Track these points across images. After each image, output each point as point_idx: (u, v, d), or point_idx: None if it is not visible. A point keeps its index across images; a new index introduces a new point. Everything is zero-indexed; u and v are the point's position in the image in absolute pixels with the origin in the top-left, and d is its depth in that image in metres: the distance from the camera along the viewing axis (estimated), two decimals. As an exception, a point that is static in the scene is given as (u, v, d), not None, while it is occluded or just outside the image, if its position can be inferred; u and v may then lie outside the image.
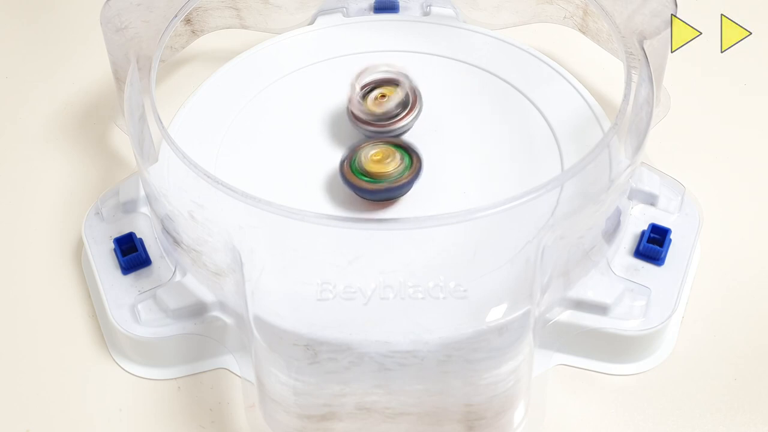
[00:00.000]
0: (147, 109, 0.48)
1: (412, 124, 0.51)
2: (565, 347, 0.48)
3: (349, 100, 0.51)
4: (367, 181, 0.48)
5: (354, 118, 0.51)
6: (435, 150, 0.52)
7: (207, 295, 0.47)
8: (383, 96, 0.51)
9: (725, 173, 0.57)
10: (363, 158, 0.49)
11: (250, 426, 0.46)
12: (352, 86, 0.51)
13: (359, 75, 0.51)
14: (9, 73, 0.64)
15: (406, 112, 0.51)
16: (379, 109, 0.51)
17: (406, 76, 0.51)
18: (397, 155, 0.49)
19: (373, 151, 0.49)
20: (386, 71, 0.51)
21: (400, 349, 0.41)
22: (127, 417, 0.47)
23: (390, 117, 0.51)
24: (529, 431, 0.46)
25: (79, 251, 0.53)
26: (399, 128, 0.51)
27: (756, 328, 0.50)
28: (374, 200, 0.49)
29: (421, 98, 0.52)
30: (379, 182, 0.48)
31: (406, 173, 0.49)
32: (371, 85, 0.51)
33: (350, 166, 0.49)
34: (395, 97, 0.51)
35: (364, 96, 0.51)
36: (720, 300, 0.51)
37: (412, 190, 0.49)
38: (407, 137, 0.51)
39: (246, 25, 0.61)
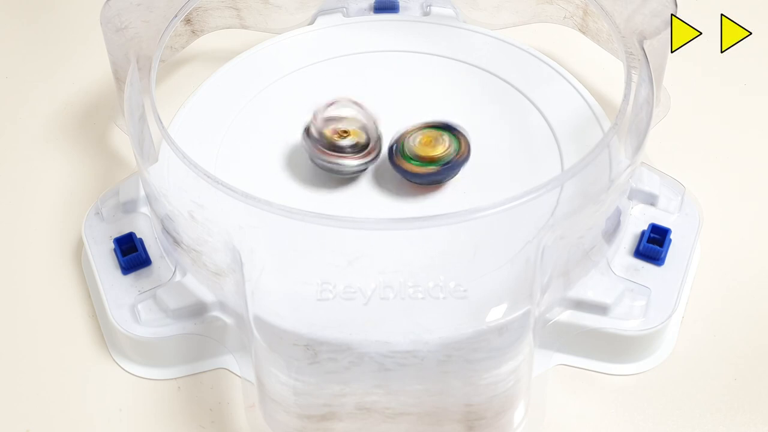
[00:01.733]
0: (147, 109, 0.48)
1: (363, 168, 0.50)
2: (565, 347, 0.48)
3: (314, 118, 0.49)
4: (417, 165, 0.48)
5: (308, 135, 0.50)
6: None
7: (207, 295, 0.47)
8: (345, 132, 0.49)
9: (725, 173, 0.57)
10: (411, 143, 0.49)
11: (250, 426, 0.46)
12: (320, 110, 0.50)
13: (329, 105, 0.50)
14: (9, 73, 0.64)
15: (360, 154, 0.49)
16: (333, 141, 0.49)
17: (374, 122, 0.50)
18: (446, 138, 0.49)
19: (420, 136, 0.49)
20: (355, 114, 0.50)
21: (400, 349, 0.41)
22: (127, 417, 0.47)
23: (342, 151, 0.49)
24: (529, 431, 0.46)
25: (79, 251, 0.53)
26: (346, 165, 0.49)
27: (756, 328, 0.50)
28: (424, 184, 0.49)
29: (380, 147, 0.50)
30: (430, 165, 0.48)
31: (457, 155, 0.49)
32: (339, 117, 0.50)
33: (400, 152, 0.49)
34: (352, 138, 0.49)
35: (327, 121, 0.50)
36: (720, 300, 0.51)
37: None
38: (452, 119, 0.50)
39: (246, 25, 0.61)
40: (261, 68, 0.57)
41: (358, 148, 0.49)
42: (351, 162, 0.49)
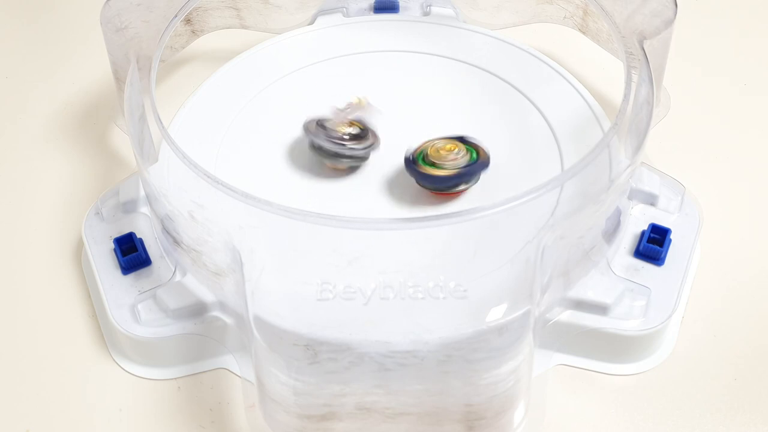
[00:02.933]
0: (147, 109, 0.48)
1: (362, 153, 0.51)
2: (565, 347, 0.48)
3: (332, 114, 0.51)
4: (437, 168, 0.49)
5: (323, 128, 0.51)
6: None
7: (207, 295, 0.47)
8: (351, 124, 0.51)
9: (725, 173, 0.57)
10: (431, 151, 0.49)
11: (250, 426, 0.46)
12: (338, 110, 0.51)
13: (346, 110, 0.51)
14: (9, 73, 0.64)
15: (359, 139, 0.51)
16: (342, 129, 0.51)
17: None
18: (463, 148, 0.49)
19: (440, 144, 0.49)
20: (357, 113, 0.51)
21: (400, 349, 0.41)
22: (127, 417, 0.47)
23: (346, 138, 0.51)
24: (529, 431, 0.46)
25: (79, 251, 0.53)
26: (350, 150, 0.50)
27: (756, 328, 0.50)
28: (442, 190, 0.49)
29: (377, 139, 0.51)
30: (450, 169, 0.49)
31: (476, 160, 0.49)
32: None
33: (419, 160, 0.49)
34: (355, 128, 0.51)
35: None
36: (720, 300, 0.51)
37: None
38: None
39: (246, 25, 0.61)
40: (261, 68, 0.57)
41: (361, 137, 0.51)
42: (357, 146, 0.50)
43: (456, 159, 0.49)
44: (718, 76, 0.62)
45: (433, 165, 0.49)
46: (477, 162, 0.49)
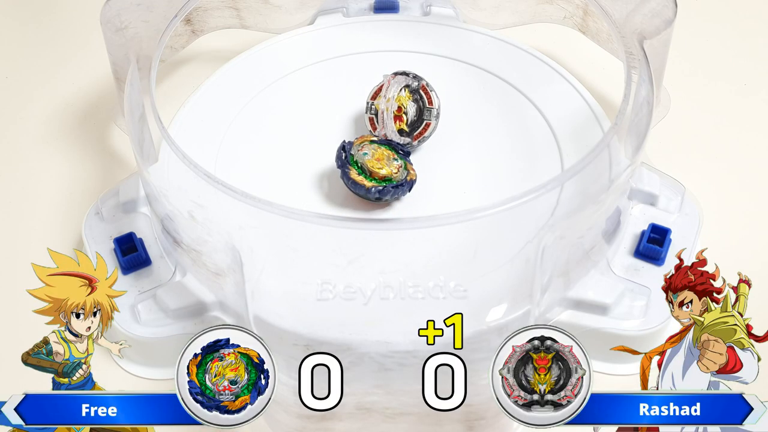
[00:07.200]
0: (147, 109, 0.48)
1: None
2: (565, 347, 0.48)
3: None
4: (365, 178, 0.48)
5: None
6: (435, 150, 0.52)
7: (207, 295, 0.47)
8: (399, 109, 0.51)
9: (725, 173, 0.57)
10: (361, 155, 0.49)
11: (250, 426, 0.46)
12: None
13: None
14: (9, 73, 0.64)
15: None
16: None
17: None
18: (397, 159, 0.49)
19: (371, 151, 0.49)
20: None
21: (400, 349, 0.41)
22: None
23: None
24: (528, 431, 0.45)
25: (79, 251, 0.53)
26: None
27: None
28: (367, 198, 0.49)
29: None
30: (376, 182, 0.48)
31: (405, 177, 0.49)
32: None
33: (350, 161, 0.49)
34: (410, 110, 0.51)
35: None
36: (720, 300, 0.51)
37: (412, 189, 0.49)
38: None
39: (246, 25, 0.61)
40: (261, 68, 0.57)
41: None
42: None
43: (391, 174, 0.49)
44: (717, 76, 0.62)
45: (366, 174, 0.49)
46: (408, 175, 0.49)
